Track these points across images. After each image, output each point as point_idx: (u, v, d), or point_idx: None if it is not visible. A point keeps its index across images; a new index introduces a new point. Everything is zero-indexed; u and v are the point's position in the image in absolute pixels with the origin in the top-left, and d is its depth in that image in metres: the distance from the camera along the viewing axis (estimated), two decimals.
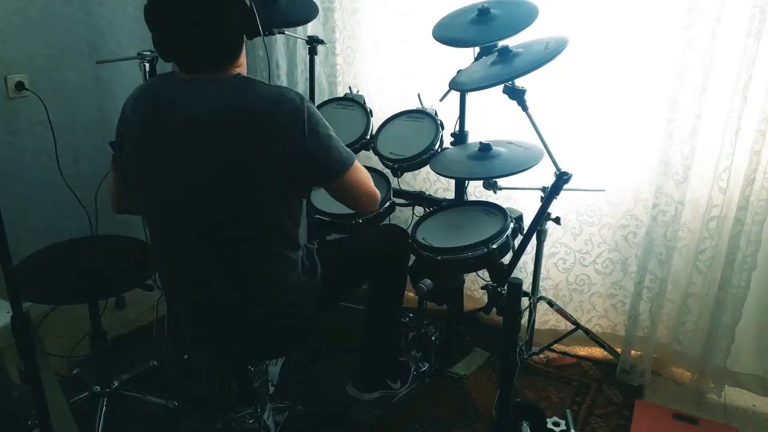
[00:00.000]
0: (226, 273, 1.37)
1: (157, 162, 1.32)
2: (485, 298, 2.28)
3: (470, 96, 2.10)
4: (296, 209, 1.40)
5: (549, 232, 2.15)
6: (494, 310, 1.99)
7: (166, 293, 1.56)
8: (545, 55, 1.53)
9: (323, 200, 1.94)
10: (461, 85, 1.78)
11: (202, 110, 1.26)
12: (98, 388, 1.94)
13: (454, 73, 1.84)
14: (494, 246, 1.69)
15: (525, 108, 1.57)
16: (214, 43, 1.27)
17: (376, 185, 2.01)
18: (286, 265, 1.41)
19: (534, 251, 2.12)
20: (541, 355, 2.26)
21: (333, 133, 1.35)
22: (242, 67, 1.35)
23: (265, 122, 1.24)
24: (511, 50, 1.64)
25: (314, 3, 2.22)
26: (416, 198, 2.19)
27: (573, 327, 2.24)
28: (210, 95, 1.27)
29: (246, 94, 1.26)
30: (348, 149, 1.39)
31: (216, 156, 1.26)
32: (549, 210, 1.89)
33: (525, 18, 1.78)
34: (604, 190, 2.11)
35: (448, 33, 1.92)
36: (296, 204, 1.40)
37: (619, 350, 2.20)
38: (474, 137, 2.09)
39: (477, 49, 1.91)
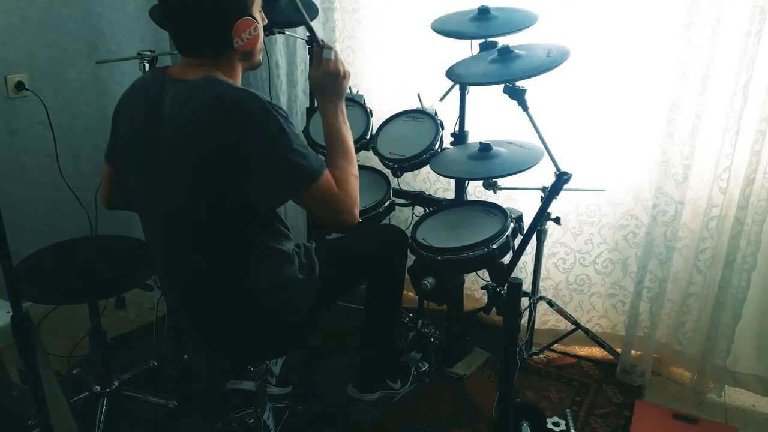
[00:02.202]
0: (221, 271, 1.37)
1: (145, 164, 1.34)
2: (485, 298, 2.28)
3: (470, 96, 2.10)
4: (277, 209, 1.41)
5: (549, 232, 2.15)
6: (494, 310, 1.98)
7: (164, 293, 1.56)
8: (546, 63, 1.53)
9: None
10: (460, 77, 1.76)
11: (175, 112, 1.27)
12: (98, 388, 1.94)
13: None
14: (494, 246, 1.69)
15: (525, 108, 1.57)
16: (187, 30, 1.29)
17: (376, 185, 2.03)
18: (280, 258, 1.41)
19: (534, 251, 2.12)
20: (541, 355, 2.26)
21: (299, 144, 1.27)
22: (233, 78, 1.32)
23: (224, 121, 1.22)
24: (512, 51, 1.64)
25: (314, 4, 2.23)
26: (416, 198, 2.18)
27: (573, 327, 2.24)
28: (184, 96, 1.27)
29: (210, 93, 1.24)
30: (319, 161, 1.30)
31: (188, 156, 1.26)
32: (549, 210, 1.89)
33: (525, 18, 1.78)
34: (604, 190, 2.11)
35: (447, 26, 1.93)
36: (269, 204, 1.37)
37: (619, 350, 2.20)
38: (474, 137, 2.09)
39: (477, 49, 1.91)
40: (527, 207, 2.07)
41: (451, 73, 1.73)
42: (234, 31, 1.26)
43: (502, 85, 1.58)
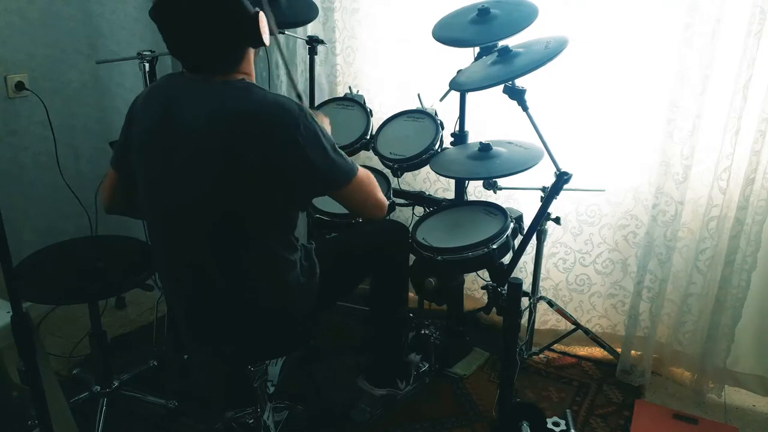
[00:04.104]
0: (226, 274, 1.37)
1: (162, 164, 1.33)
2: (485, 298, 2.28)
3: (470, 96, 2.10)
4: (294, 215, 1.41)
5: (549, 232, 2.15)
6: (494, 310, 1.99)
7: (166, 294, 1.56)
8: (545, 54, 1.53)
9: (323, 200, 1.94)
10: (461, 86, 1.78)
11: (203, 113, 1.27)
12: (98, 388, 1.94)
13: (454, 73, 1.84)
14: (494, 246, 1.69)
15: (525, 108, 1.57)
16: (210, 46, 1.28)
17: None
18: (285, 266, 1.41)
19: (534, 251, 2.12)
20: (541, 355, 2.26)
21: (333, 145, 1.34)
22: (249, 75, 1.36)
23: (261, 128, 1.24)
24: (511, 50, 1.65)
25: (314, 4, 2.23)
26: (416, 198, 2.19)
27: (573, 327, 2.24)
28: (212, 98, 1.28)
29: (247, 99, 1.26)
30: (350, 160, 1.38)
31: (216, 158, 1.26)
32: (549, 210, 1.89)
33: (525, 18, 1.78)
34: (604, 190, 2.11)
35: (447, 33, 1.92)
36: (294, 211, 1.40)
37: (619, 350, 2.19)
38: (474, 137, 2.09)
39: (477, 49, 1.91)
40: (527, 207, 2.07)
41: (454, 84, 1.74)
42: (260, 28, 1.27)
43: (503, 86, 1.58)
